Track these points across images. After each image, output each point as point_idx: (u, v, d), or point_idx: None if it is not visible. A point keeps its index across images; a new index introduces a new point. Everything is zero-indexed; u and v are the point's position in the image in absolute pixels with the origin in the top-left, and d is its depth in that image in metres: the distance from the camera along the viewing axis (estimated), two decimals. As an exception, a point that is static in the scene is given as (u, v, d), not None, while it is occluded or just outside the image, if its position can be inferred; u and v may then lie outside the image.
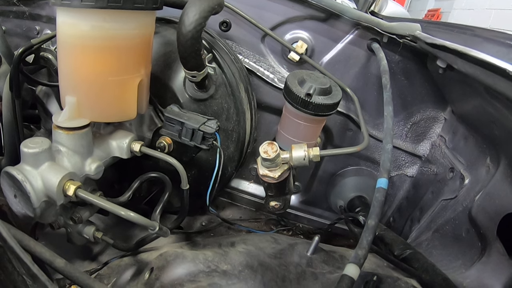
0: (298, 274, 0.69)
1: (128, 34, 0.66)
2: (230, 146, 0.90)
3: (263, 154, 0.65)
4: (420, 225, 0.98)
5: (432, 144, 1.04)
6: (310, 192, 1.16)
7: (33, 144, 0.65)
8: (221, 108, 0.86)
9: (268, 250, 0.76)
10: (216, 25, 0.97)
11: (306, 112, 0.76)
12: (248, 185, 1.16)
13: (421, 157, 1.06)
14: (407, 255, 0.79)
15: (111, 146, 0.77)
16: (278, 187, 0.73)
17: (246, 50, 0.99)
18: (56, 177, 0.64)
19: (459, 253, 0.81)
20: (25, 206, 0.66)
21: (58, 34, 0.67)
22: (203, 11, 0.69)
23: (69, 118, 0.69)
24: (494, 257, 0.74)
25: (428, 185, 1.01)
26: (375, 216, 0.56)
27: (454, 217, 0.85)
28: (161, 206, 0.76)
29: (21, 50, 0.76)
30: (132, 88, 0.71)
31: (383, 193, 0.58)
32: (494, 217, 0.74)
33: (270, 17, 0.95)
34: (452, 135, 0.97)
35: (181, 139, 0.79)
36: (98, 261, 0.87)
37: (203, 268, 0.70)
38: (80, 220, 0.76)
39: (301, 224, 1.19)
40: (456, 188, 0.89)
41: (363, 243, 0.53)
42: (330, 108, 0.77)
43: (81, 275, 0.52)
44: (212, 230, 1.02)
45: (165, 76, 0.84)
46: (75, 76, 0.68)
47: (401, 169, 1.09)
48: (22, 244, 0.50)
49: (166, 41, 0.86)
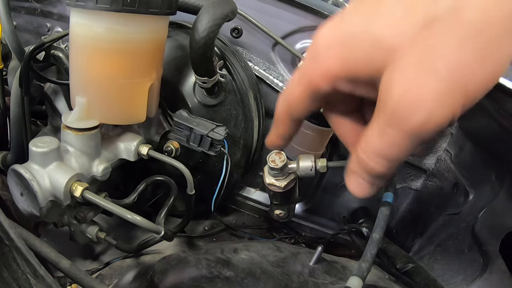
0: (300, 284, 0.69)
1: (141, 38, 0.66)
2: (237, 153, 0.90)
3: (270, 163, 0.65)
4: (423, 238, 0.98)
5: (437, 158, 1.04)
6: (314, 201, 1.16)
7: (42, 143, 0.66)
8: (229, 115, 0.86)
9: (270, 258, 0.76)
10: (227, 31, 0.97)
11: (314, 122, 0.76)
12: (254, 192, 1.16)
13: (426, 170, 1.06)
14: (409, 268, 0.79)
15: (119, 148, 0.77)
16: (284, 196, 0.72)
17: (257, 57, 0.99)
18: (64, 178, 0.64)
19: (460, 268, 0.81)
20: (31, 205, 0.66)
21: (71, 35, 0.67)
22: (216, 18, 0.69)
23: (78, 119, 0.69)
24: (496, 274, 0.74)
25: (432, 199, 1.01)
26: (380, 229, 0.56)
27: (457, 232, 0.85)
28: (166, 210, 0.76)
29: (32, 48, 0.77)
30: (143, 92, 0.71)
31: (389, 207, 0.58)
32: (497, 234, 0.74)
33: (282, 25, 0.95)
34: (458, 150, 0.97)
35: (189, 145, 0.80)
36: (100, 261, 0.87)
37: (206, 274, 0.70)
38: (84, 220, 0.76)
39: (303, 233, 1.18)
40: (460, 204, 0.89)
41: (367, 256, 0.53)
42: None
43: (86, 277, 0.52)
44: (215, 235, 1.02)
45: (175, 80, 0.84)
46: (86, 77, 0.69)
47: (405, 182, 1.09)
48: (28, 244, 0.51)
49: (178, 45, 0.87)
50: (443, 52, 0.29)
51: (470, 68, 0.29)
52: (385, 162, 0.35)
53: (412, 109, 0.30)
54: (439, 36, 0.29)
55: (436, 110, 0.30)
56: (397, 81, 0.31)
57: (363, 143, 0.36)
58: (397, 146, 0.33)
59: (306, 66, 0.38)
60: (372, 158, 0.35)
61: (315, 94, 0.38)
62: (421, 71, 0.30)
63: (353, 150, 0.39)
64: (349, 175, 0.40)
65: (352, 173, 0.40)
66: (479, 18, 0.28)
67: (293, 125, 0.45)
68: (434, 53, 0.29)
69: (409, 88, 0.30)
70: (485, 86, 0.30)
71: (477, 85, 0.30)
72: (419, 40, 0.30)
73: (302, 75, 0.39)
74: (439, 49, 0.29)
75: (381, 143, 0.34)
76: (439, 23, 0.29)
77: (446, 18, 0.29)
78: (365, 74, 0.34)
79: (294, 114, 0.42)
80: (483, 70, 0.29)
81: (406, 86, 0.30)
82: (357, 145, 0.37)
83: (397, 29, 0.31)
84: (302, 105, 0.40)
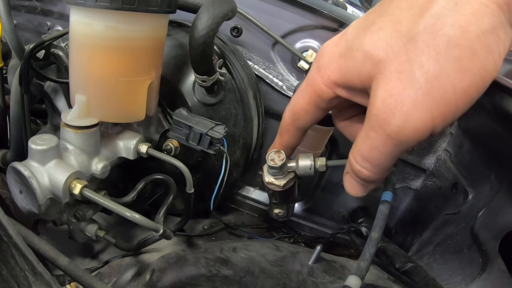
0: (299, 283, 0.69)
1: (141, 36, 0.66)
2: (236, 152, 0.90)
3: (269, 162, 0.64)
4: (422, 238, 0.98)
5: (437, 158, 1.04)
6: (313, 200, 1.16)
7: (41, 141, 0.66)
8: (229, 114, 0.86)
9: (269, 257, 0.76)
10: (227, 30, 0.97)
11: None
12: (253, 191, 1.16)
13: (426, 170, 1.06)
14: (408, 268, 0.79)
15: (118, 147, 0.77)
16: (283, 195, 0.72)
17: (256, 56, 0.99)
18: (63, 175, 0.64)
19: (460, 268, 0.81)
20: (30, 202, 0.66)
21: (71, 33, 0.67)
22: (216, 17, 0.69)
23: (78, 117, 0.69)
24: (495, 274, 0.73)
25: (432, 199, 1.01)
26: (378, 228, 0.56)
27: (456, 232, 0.85)
28: (165, 208, 0.76)
29: (32, 46, 0.76)
30: (143, 90, 0.71)
31: (388, 206, 0.58)
32: (496, 234, 0.73)
33: (281, 24, 0.95)
34: (457, 149, 0.97)
35: (189, 143, 0.80)
36: (99, 259, 0.87)
37: (205, 272, 0.70)
38: (83, 218, 0.76)
39: (303, 232, 1.18)
40: (459, 203, 0.89)
41: (366, 255, 0.53)
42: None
43: (84, 274, 0.52)
44: (214, 234, 1.02)
45: (175, 79, 0.84)
46: (86, 75, 0.69)
47: (405, 181, 1.09)
48: (27, 241, 0.51)
49: (177, 44, 0.87)
50: (423, 63, 0.32)
51: (448, 78, 0.31)
52: (369, 166, 0.39)
53: (392, 113, 0.33)
54: (420, 49, 0.32)
55: (413, 115, 0.32)
56: (380, 88, 0.34)
57: (352, 147, 0.40)
58: (378, 150, 0.36)
59: (311, 77, 0.42)
60: (358, 161, 0.39)
61: (319, 101, 0.43)
62: (402, 79, 0.33)
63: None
64: (345, 174, 0.45)
65: (346, 173, 0.44)
66: (455, 33, 0.31)
67: (297, 135, 0.50)
68: (414, 64, 0.32)
69: (390, 94, 0.33)
70: (467, 97, 0.32)
71: (457, 95, 0.32)
72: (402, 53, 0.33)
73: (308, 85, 0.43)
74: (419, 60, 0.32)
75: (364, 147, 0.38)
76: (421, 38, 0.32)
77: (427, 33, 0.32)
78: (358, 82, 0.37)
79: (299, 122, 0.47)
80: (463, 82, 0.32)
81: (388, 92, 0.33)
82: (351, 151, 0.41)
83: (384, 44, 0.34)
84: (307, 113, 0.45)
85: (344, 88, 0.40)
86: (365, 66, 0.36)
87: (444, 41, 0.31)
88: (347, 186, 0.46)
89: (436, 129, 0.33)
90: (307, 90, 0.43)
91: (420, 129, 0.33)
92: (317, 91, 0.42)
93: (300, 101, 0.45)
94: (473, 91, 0.32)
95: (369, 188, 0.44)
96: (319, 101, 0.43)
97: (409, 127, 0.33)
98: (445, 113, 0.33)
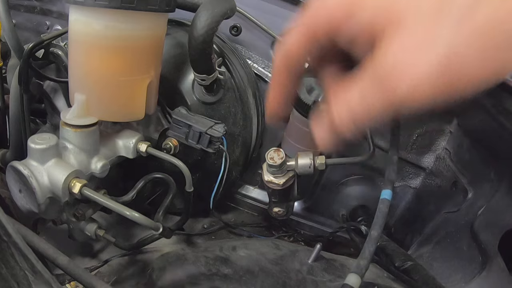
0: (298, 281, 0.69)
1: (140, 35, 0.66)
2: (235, 151, 0.90)
3: (269, 161, 0.65)
4: (421, 237, 0.98)
5: (436, 156, 1.04)
6: (313, 199, 1.16)
7: (40, 140, 0.66)
8: (228, 112, 0.86)
9: (269, 255, 0.76)
10: (226, 29, 0.97)
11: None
12: (252, 190, 1.16)
13: (425, 169, 1.06)
14: (408, 266, 0.79)
15: (118, 146, 0.77)
16: (282, 193, 0.73)
17: (256, 55, 0.99)
18: (62, 174, 0.64)
19: (459, 266, 0.81)
20: (30, 202, 0.66)
21: (70, 32, 0.67)
22: (215, 16, 0.69)
23: (77, 116, 0.69)
24: (495, 272, 0.73)
25: (431, 197, 1.01)
26: (378, 227, 0.56)
27: (456, 230, 0.85)
28: (164, 207, 0.76)
29: (31, 45, 0.76)
30: (142, 89, 0.71)
31: (387, 204, 0.58)
32: (496, 233, 0.73)
33: (281, 23, 0.95)
34: (457, 148, 0.97)
35: (188, 142, 0.80)
36: (99, 258, 0.87)
37: (204, 271, 0.70)
38: (83, 217, 0.76)
39: (302, 231, 1.18)
40: (459, 202, 0.89)
41: (365, 253, 0.53)
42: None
43: (84, 273, 0.52)
44: (214, 233, 1.02)
45: (174, 77, 0.84)
46: (85, 74, 0.69)
47: (404, 180, 1.09)
48: (27, 240, 0.51)
49: (177, 43, 0.87)
50: (448, 36, 0.29)
51: (469, 59, 0.29)
52: (351, 124, 0.35)
53: (402, 78, 0.30)
54: (450, 21, 0.29)
55: (421, 86, 0.30)
56: (394, 48, 0.31)
57: (340, 99, 0.36)
58: (373, 111, 0.33)
59: (311, 13, 0.37)
60: (342, 115, 0.35)
61: (315, 39, 0.37)
62: (421, 46, 0.30)
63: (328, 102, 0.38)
64: (315, 121, 0.40)
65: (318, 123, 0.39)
66: (490, 19, 0.28)
67: (291, 82, 0.43)
68: (439, 34, 0.29)
69: (404, 59, 0.30)
70: (479, 82, 0.30)
71: (471, 78, 0.30)
72: (429, 17, 0.30)
73: (304, 22, 0.38)
74: (445, 31, 0.29)
75: (358, 104, 0.34)
76: (454, 11, 0.29)
77: (462, 8, 0.29)
78: (366, 32, 0.33)
79: (292, 64, 0.41)
80: (482, 66, 0.29)
81: (402, 56, 0.30)
82: (333, 99, 0.37)
83: None
84: (301, 52, 0.39)
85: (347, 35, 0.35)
86: (379, 14, 0.32)
87: (477, 22, 0.28)
88: (316, 134, 0.40)
89: (433, 104, 0.31)
90: (304, 27, 0.37)
91: (422, 100, 0.31)
92: (316, 27, 0.36)
93: (294, 40, 0.39)
94: (488, 78, 0.30)
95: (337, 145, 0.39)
96: (316, 40, 0.37)
97: (414, 96, 0.31)
98: (451, 93, 0.31)
